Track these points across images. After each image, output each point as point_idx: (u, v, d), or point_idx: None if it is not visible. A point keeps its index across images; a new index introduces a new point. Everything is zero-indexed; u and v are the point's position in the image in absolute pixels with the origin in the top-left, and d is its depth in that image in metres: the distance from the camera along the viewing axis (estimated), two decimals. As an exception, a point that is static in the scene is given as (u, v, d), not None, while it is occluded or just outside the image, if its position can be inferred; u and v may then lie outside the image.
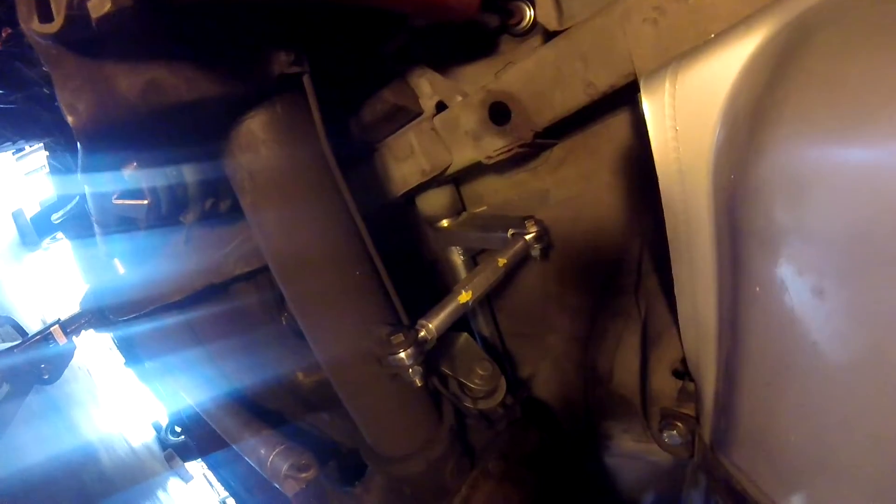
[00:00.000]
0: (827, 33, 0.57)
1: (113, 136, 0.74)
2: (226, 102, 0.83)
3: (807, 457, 0.71)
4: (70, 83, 0.66)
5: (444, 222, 1.42)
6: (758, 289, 0.65)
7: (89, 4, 0.57)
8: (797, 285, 0.60)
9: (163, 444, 2.59)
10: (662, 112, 0.71)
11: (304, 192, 0.96)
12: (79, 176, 0.91)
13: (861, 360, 0.59)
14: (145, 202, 1.13)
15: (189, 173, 1.12)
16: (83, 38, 0.63)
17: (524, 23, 1.16)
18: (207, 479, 2.89)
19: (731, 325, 0.76)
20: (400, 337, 0.95)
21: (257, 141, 0.90)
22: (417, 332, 1.00)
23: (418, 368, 0.96)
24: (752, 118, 0.61)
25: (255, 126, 0.90)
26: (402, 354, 0.94)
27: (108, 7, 0.57)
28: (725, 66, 0.67)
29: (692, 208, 0.73)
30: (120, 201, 1.16)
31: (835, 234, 0.55)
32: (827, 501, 0.72)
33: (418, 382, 0.97)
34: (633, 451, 1.36)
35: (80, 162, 0.86)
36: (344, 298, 1.01)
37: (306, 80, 0.90)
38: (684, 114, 0.70)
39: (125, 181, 1.10)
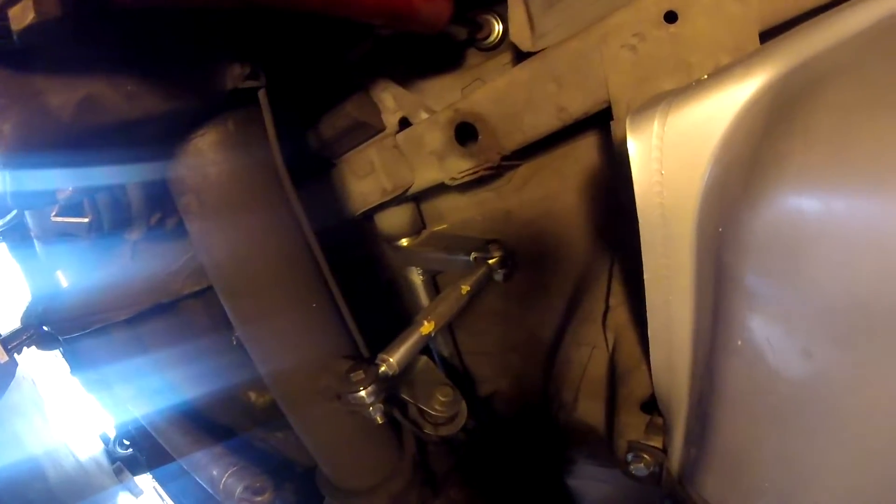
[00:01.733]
0: (838, 85, 0.54)
1: (44, 158, 0.66)
2: (171, 119, 0.75)
3: (780, 500, 0.71)
4: None
5: (404, 241, 1.37)
6: (739, 342, 0.63)
7: (10, 13, 0.50)
8: (783, 344, 0.58)
9: (111, 456, 2.50)
10: (648, 154, 0.68)
11: (255, 217, 0.89)
12: (8, 200, 0.83)
13: (844, 422, 0.58)
14: (86, 220, 1.07)
15: (133, 188, 1.05)
16: (7, 51, 0.56)
17: (492, 37, 1.13)
18: (158, 493, 2.79)
19: (707, 370, 0.73)
20: (360, 374, 0.89)
21: (206, 161, 0.83)
22: (378, 367, 0.95)
23: (379, 406, 0.91)
24: (749, 169, 0.58)
25: (204, 145, 0.82)
26: (363, 392, 0.89)
27: (31, 18, 0.49)
28: (720, 108, 0.63)
29: (673, 253, 0.70)
30: (59, 219, 1.09)
31: (831, 298, 0.52)
32: None
33: (379, 420, 0.92)
34: (597, 475, 1.34)
35: (6, 187, 0.79)
36: (297, 329, 0.96)
37: (262, 95, 0.84)
38: (672, 156, 0.66)
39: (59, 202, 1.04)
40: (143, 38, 0.67)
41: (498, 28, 1.12)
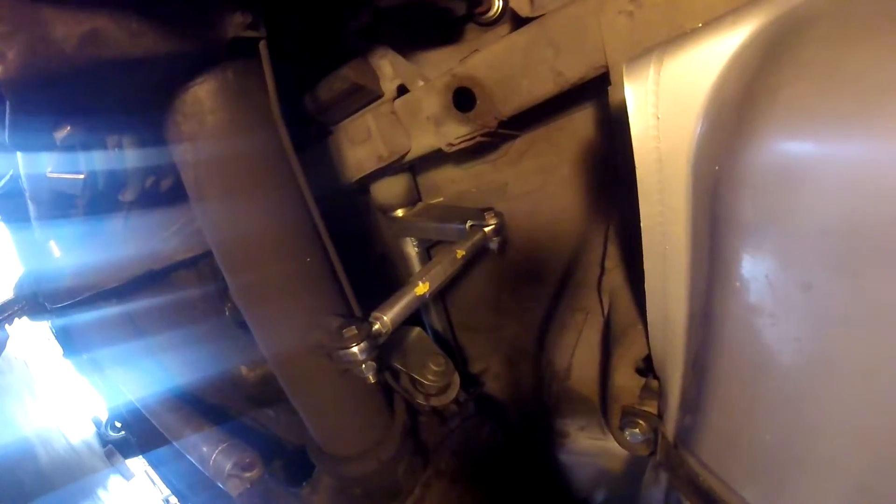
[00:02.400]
0: (824, 24, 0.55)
1: (45, 91, 0.67)
2: (172, 62, 0.75)
3: (783, 455, 0.70)
4: (0, 27, 0.58)
5: (399, 212, 1.37)
6: (738, 283, 0.63)
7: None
8: (783, 279, 0.58)
9: (103, 439, 2.48)
10: (645, 99, 0.68)
11: (253, 170, 0.88)
12: (6, 136, 0.83)
13: (847, 358, 0.58)
14: (81, 176, 1.06)
15: (129, 146, 1.05)
16: (19, -23, 0.56)
17: (492, 12, 1.13)
18: (150, 477, 2.79)
19: (704, 321, 0.73)
20: (352, 330, 0.88)
21: (204, 109, 0.82)
22: (371, 324, 0.94)
23: (371, 364, 0.90)
24: (741, 106, 0.58)
25: (203, 93, 0.82)
26: (355, 349, 0.88)
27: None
28: (713, 54, 0.64)
29: (669, 198, 0.71)
30: (55, 174, 1.08)
31: (827, 227, 0.52)
32: (800, 498, 0.70)
33: (371, 378, 0.91)
34: (588, 450, 1.34)
35: (7, 120, 0.78)
36: (292, 287, 0.95)
37: (262, 46, 0.84)
38: (667, 101, 0.67)
39: (60, 153, 1.03)
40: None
41: (498, 3, 1.12)
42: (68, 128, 0.82)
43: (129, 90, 0.78)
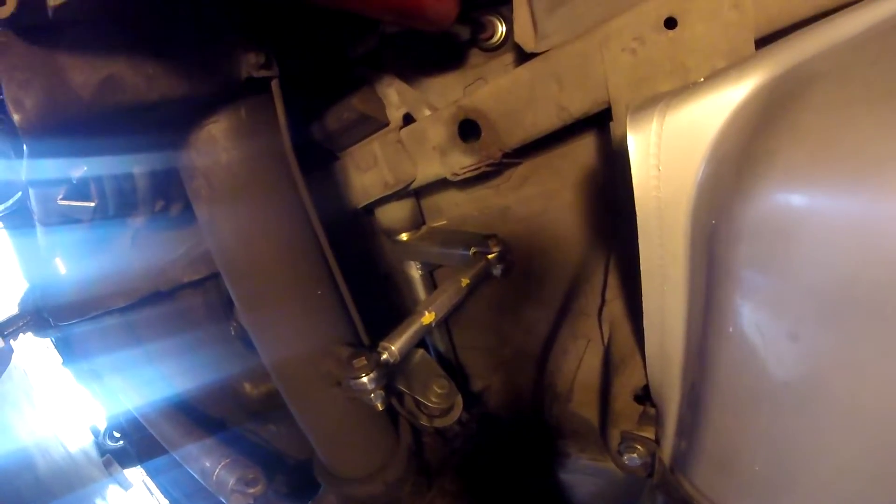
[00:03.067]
0: (824, 87, 0.57)
1: (63, 136, 0.68)
2: (188, 104, 0.77)
3: (771, 484, 0.73)
4: (18, 74, 0.60)
5: (404, 235, 1.39)
6: (731, 329, 0.66)
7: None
8: (772, 328, 0.61)
9: (101, 449, 2.47)
10: (647, 150, 0.71)
11: (264, 203, 0.91)
12: (23, 175, 0.85)
13: (833, 401, 0.60)
14: (92, 204, 1.08)
15: (140, 174, 1.06)
16: (36, 25, 0.58)
17: (495, 38, 1.14)
18: (147, 487, 2.78)
19: (699, 357, 0.76)
20: (362, 360, 0.91)
21: (218, 147, 0.85)
22: (380, 354, 0.97)
23: (380, 392, 0.93)
24: (740, 163, 0.61)
25: (217, 131, 0.84)
26: (365, 379, 0.91)
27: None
28: (715, 108, 0.66)
29: (668, 243, 0.73)
30: (65, 202, 1.10)
31: (815, 283, 0.55)
32: None
33: (380, 406, 0.94)
34: (588, 469, 1.36)
35: (24, 162, 0.80)
36: (302, 315, 0.97)
37: (275, 84, 0.86)
38: (668, 153, 0.69)
39: (71, 181, 1.05)
40: (164, 23, 0.70)
41: (501, 29, 1.14)
42: (84, 168, 0.85)
43: (145, 130, 0.80)
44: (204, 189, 0.88)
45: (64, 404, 2.89)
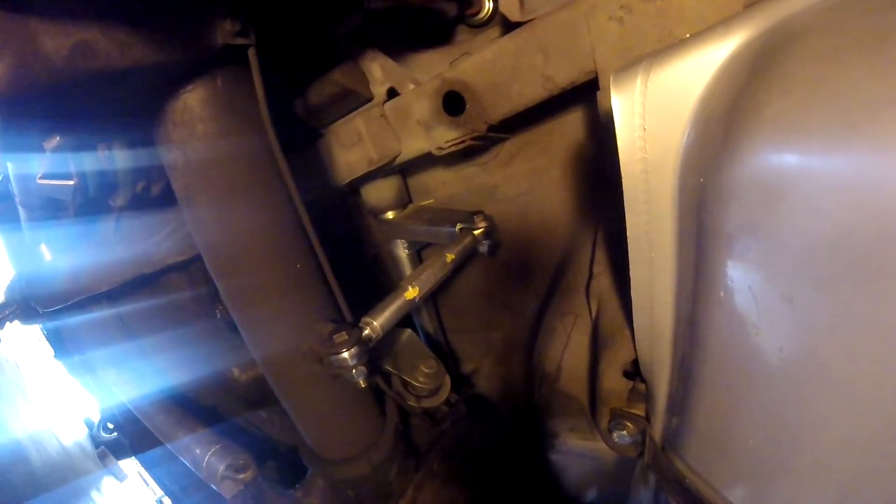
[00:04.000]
0: (812, 39, 0.55)
1: (35, 103, 0.66)
2: (162, 72, 0.75)
3: (766, 459, 0.71)
4: None
5: (390, 214, 1.38)
6: (722, 293, 0.64)
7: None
8: (765, 291, 0.59)
9: (95, 441, 2.48)
10: (632, 110, 0.69)
11: (243, 176, 0.88)
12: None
13: (828, 368, 0.58)
14: (71, 182, 1.06)
15: (119, 151, 1.05)
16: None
17: (482, 14, 1.12)
18: (143, 478, 2.78)
19: (690, 328, 0.74)
20: (343, 335, 0.89)
21: (194, 117, 0.83)
22: (361, 330, 0.95)
23: (362, 369, 0.91)
24: (728, 119, 0.59)
25: (193, 101, 0.82)
26: (346, 354, 0.89)
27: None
28: (701, 65, 0.64)
29: (655, 208, 0.71)
30: (44, 181, 1.08)
31: (809, 242, 0.53)
32: (783, 501, 0.72)
33: (362, 383, 0.92)
34: (578, 449, 1.35)
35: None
36: (283, 293, 0.95)
37: (251, 53, 0.84)
38: (654, 112, 0.67)
39: (49, 158, 1.03)
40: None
41: (488, 5, 1.12)
42: (57, 138, 0.82)
43: (118, 100, 0.78)
44: (180, 162, 0.86)
45: (57, 397, 2.89)
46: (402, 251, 1.41)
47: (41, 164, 1.08)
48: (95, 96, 0.74)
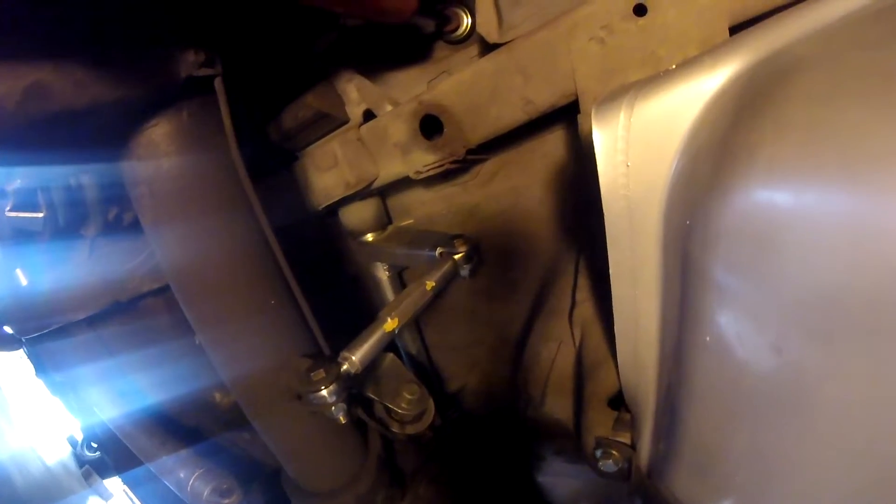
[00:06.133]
0: (810, 75, 0.53)
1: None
2: (122, 109, 0.72)
3: (752, 495, 0.69)
4: None
5: (369, 236, 1.35)
6: (708, 338, 0.62)
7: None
8: (753, 340, 0.57)
9: (79, 460, 2.45)
10: (614, 146, 0.67)
11: (210, 211, 0.85)
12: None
13: (816, 419, 0.56)
14: (40, 215, 1.04)
15: (88, 183, 1.02)
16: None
17: (461, 30, 1.10)
18: (129, 496, 2.74)
19: (675, 366, 0.72)
20: (321, 373, 0.86)
21: (159, 153, 0.79)
22: (340, 365, 0.92)
23: (342, 405, 0.88)
24: (717, 158, 0.56)
25: (158, 136, 0.79)
26: (324, 392, 0.86)
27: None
28: (688, 99, 0.62)
29: (639, 246, 0.69)
30: (14, 213, 1.06)
31: (802, 293, 0.51)
32: None
33: (342, 419, 0.89)
34: (566, 470, 1.33)
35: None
36: (256, 327, 0.92)
37: (218, 83, 0.81)
38: (638, 148, 0.65)
39: (15, 193, 1.01)
40: (91, 23, 0.64)
41: (466, 21, 1.09)
42: (18, 181, 0.79)
43: (78, 139, 0.75)
44: (146, 197, 0.83)
45: (40, 417, 2.85)
46: (382, 273, 1.38)
47: (8, 198, 1.05)
48: (53, 137, 0.71)
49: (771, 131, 0.52)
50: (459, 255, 1.17)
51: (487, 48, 0.98)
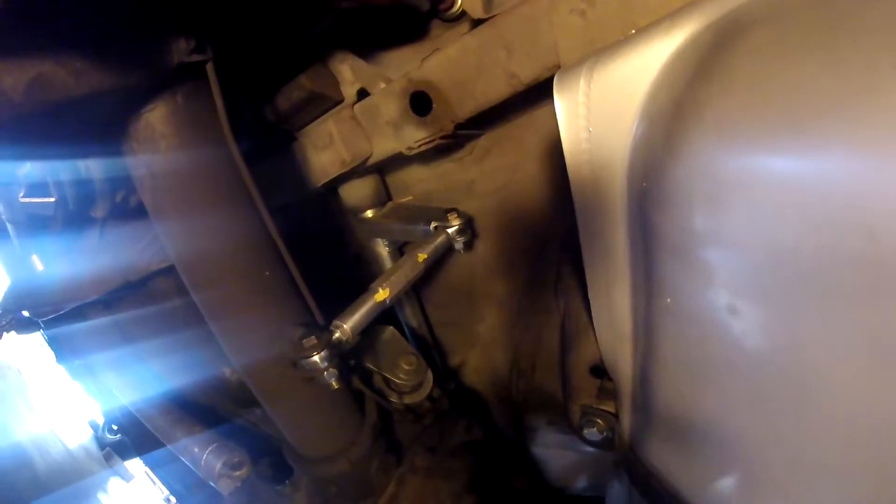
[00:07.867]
0: (758, 32, 0.52)
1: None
2: (120, 95, 0.76)
3: (725, 466, 0.69)
4: None
5: (369, 213, 1.38)
6: (669, 300, 0.62)
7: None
8: (710, 301, 0.57)
9: (101, 442, 2.50)
10: (576, 112, 0.67)
11: (207, 189, 0.89)
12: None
13: (774, 380, 0.56)
14: (52, 199, 1.09)
15: (94, 168, 1.06)
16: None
17: (455, 7, 1.11)
18: (150, 477, 2.80)
19: (645, 331, 0.73)
20: (312, 340, 0.91)
21: (157, 135, 0.83)
22: (331, 333, 0.96)
23: (333, 371, 0.92)
24: (670, 119, 0.56)
25: (155, 119, 0.83)
26: (316, 357, 0.90)
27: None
28: (645, 63, 0.62)
29: (605, 212, 0.70)
30: (26, 199, 1.11)
31: (751, 250, 0.50)
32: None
33: (334, 385, 0.93)
34: (559, 442, 1.35)
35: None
36: (253, 300, 0.96)
37: (209, 68, 0.84)
38: (599, 114, 0.66)
39: (26, 179, 1.05)
40: (86, 16, 0.68)
41: (459, -1, 1.11)
42: (28, 165, 0.84)
43: (80, 125, 0.79)
44: (147, 180, 0.88)
45: (60, 401, 2.91)
46: (382, 249, 1.42)
47: (22, 184, 1.10)
48: (57, 124, 0.75)
49: (717, 88, 0.52)
50: (453, 228, 1.20)
51: (475, 24, 0.99)
